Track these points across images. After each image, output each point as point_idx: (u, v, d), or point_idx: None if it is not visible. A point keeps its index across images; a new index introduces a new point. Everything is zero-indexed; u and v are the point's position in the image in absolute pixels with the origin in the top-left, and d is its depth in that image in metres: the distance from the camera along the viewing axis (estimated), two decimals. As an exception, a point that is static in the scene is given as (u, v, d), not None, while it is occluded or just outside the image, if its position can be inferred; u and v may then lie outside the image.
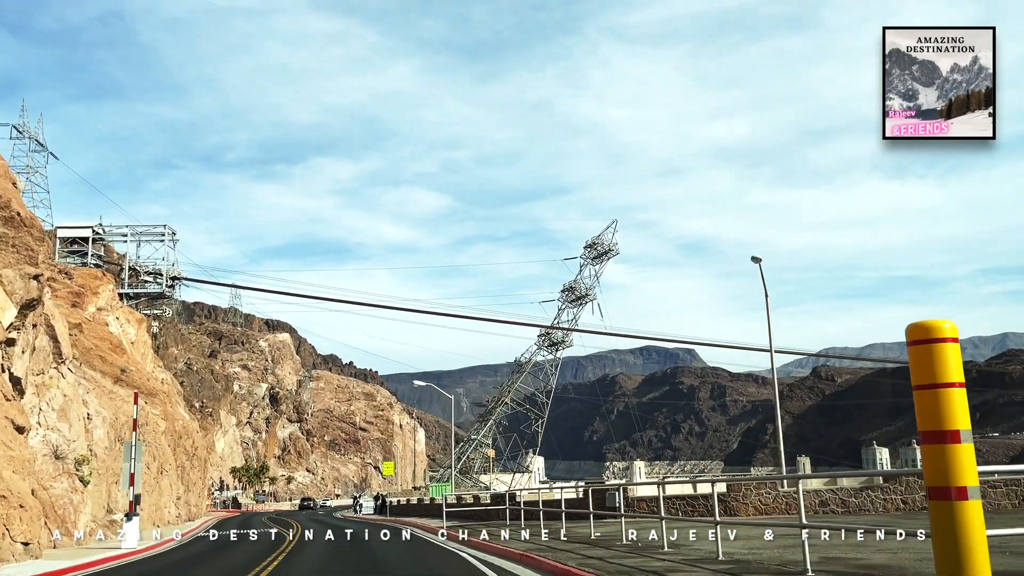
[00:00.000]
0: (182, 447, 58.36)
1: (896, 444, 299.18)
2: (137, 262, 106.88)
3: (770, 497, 26.53)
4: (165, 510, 52.96)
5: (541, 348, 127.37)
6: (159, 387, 58.22)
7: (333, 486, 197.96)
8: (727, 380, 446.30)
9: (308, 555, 23.92)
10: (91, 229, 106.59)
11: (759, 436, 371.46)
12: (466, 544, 24.75)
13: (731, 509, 26.49)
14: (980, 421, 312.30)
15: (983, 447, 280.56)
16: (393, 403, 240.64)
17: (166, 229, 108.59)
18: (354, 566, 20.74)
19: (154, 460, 50.23)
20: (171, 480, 54.37)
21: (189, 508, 61.51)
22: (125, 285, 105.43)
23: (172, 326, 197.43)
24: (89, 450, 37.85)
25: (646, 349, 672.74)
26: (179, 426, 58.22)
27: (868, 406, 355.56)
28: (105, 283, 67.12)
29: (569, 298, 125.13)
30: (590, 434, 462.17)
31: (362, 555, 23.86)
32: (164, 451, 53.20)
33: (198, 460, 64.63)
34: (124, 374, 53.44)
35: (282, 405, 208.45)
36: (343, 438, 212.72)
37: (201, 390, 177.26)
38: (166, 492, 53.21)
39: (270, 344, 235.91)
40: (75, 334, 53.91)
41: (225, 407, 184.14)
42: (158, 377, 77.15)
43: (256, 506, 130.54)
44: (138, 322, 73.83)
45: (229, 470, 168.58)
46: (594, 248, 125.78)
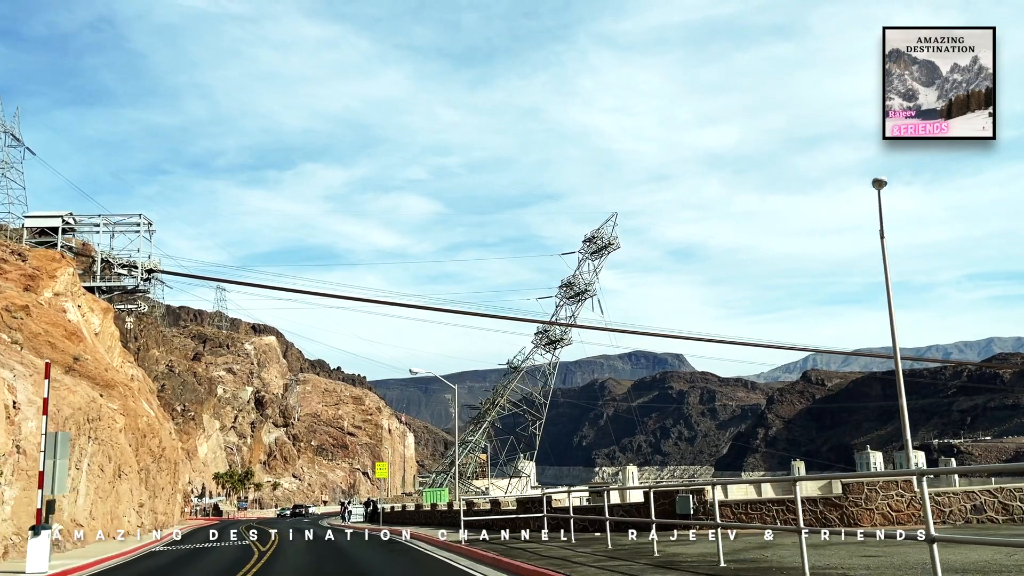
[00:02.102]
0: (147, 447, 50.76)
1: (888, 448, 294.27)
2: (110, 254, 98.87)
3: (903, 500, 19.44)
4: (124, 519, 45.36)
5: (538, 347, 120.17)
6: (120, 379, 50.64)
7: (320, 492, 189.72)
8: (716, 385, 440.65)
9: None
10: (61, 218, 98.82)
11: (750, 440, 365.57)
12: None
13: (850, 517, 19.47)
14: (972, 424, 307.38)
15: (975, 451, 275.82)
16: (382, 407, 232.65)
17: (141, 219, 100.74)
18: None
19: (109, 461, 42.69)
20: (131, 484, 46.79)
21: (155, 516, 53.85)
22: (97, 278, 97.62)
23: (154, 327, 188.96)
24: (15, 446, 30.39)
25: (635, 354, 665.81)
26: (143, 423, 50.65)
27: (858, 410, 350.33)
28: (64, 266, 59.47)
29: (568, 294, 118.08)
30: (579, 439, 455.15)
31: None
32: (123, 451, 45.64)
33: (166, 462, 57.01)
34: (77, 363, 45.90)
35: (268, 409, 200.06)
36: (331, 443, 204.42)
37: (183, 393, 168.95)
38: (125, 498, 45.64)
39: (256, 347, 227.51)
40: (20, 317, 46.36)
41: (208, 411, 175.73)
42: (128, 373, 69.48)
43: (238, 513, 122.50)
44: (103, 311, 66.17)
45: (212, 476, 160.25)
46: (593, 242, 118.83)
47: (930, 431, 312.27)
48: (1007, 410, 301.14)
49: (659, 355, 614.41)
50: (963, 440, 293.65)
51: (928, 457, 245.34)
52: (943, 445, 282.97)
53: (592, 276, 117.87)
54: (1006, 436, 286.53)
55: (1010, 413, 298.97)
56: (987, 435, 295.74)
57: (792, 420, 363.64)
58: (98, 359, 49.82)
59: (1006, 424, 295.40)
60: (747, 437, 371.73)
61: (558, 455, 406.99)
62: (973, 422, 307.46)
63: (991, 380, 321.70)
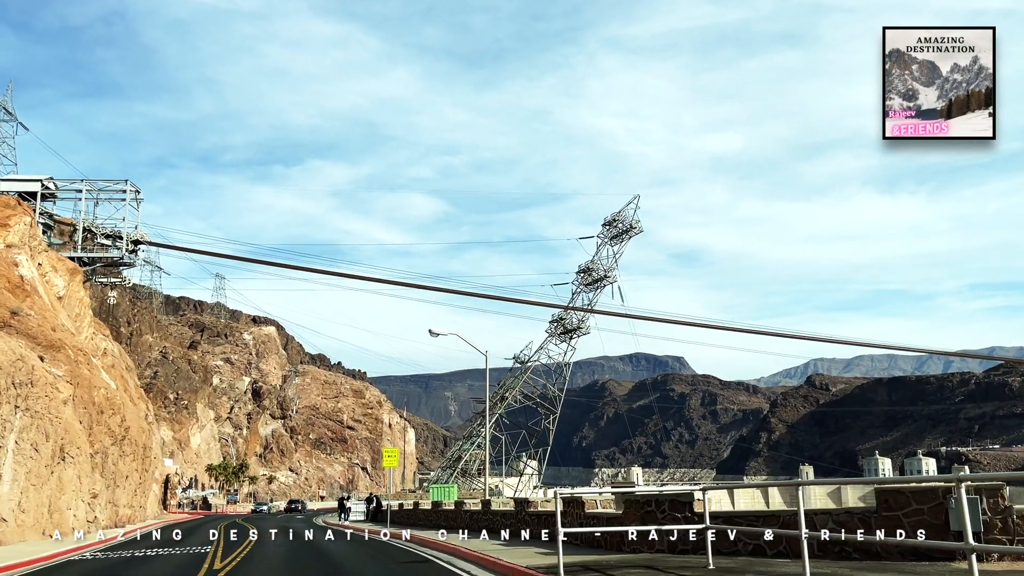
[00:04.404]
0: (104, 426, 41.05)
1: (896, 455, 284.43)
2: (93, 222, 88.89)
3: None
4: (68, 512, 35.67)
5: (553, 336, 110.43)
6: (72, 343, 40.90)
7: (318, 487, 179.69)
8: (718, 388, 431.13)
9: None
10: (40, 182, 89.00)
11: (752, 444, 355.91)
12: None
13: None
14: (980, 433, 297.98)
15: (983, 459, 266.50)
16: (383, 401, 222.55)
17: (128, 186, 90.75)
18: None
19: (47, 439, 32.99)
20: (80, 470, 37.05)
21: (116, 510, 44.10)
22: (79, 248, 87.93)
23: (148, 313, 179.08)
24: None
25: (635, 356, 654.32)
26: (100, 397, 40.94)
27: (863, 415, 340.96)
28: (19, 215, 49.82)
29: (585, 281, 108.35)
30: (579, 440, 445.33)
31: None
32: (69, 427, 35.93)
33: (133, 446, 47.26)
34: (15, 317, 36.21)
35: (265, 400, 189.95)
36: (329, 437, 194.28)
37: (176, 381, 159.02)
38: (71, 486, 35.92)
39: (255, 337, 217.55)
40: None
41: (203, 400, 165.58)
42: (99, 346, 59.82)
43: (228, 507, 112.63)
44: (70, 272, 56.50)
45: (205, 467, 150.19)
46: (613, 225, 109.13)
47: (937, 438, 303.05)
48: (1016, 419, 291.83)
49: (660, 357, 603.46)
50: (971, 448, 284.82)
51: (938, 465, 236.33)
52: (951, 453, 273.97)
53: (611, 262, 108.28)
54: (1015, 445, 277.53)
55: (1019, 422, 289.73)
56: (995, 443, 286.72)
57: (796, 424, 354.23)
58: (46, 317, 40.13)
59: (1014, 433, 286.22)
60: (749, 441, 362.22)
61: (557, 455, 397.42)
62: (981, 430, 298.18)
63: (999, 389, 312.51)
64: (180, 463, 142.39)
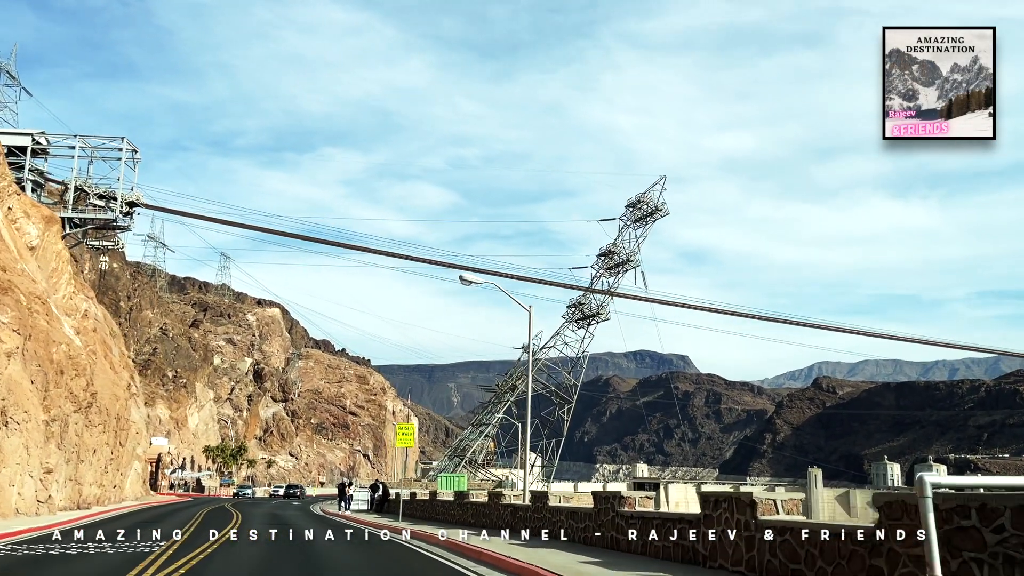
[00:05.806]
0: (65, 388, 34.12)
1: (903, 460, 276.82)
2: (85, 181, 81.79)
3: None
4: (11, 489, 28.76)
5: (570, 322, 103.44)
6: (27, 288, 33.83)
7: (318, 473, 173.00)
8: (722, 388, 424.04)
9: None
10: (31, 136, 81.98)
11: (756, 445, 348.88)
12: None
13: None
14: (989, 441, 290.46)
15: (993, 468, 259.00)
16: (387, 388, 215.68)
17: (124, 144, 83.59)
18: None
19: (-20, 398, 26.05)
20: (29, 439, 30.12)
21: (80, 489, 37.12)
22: (69, 208, 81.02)
23: (150, 288, 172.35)
24: None
25: (640, 353, 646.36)
26: (61, 354, 34.02)
27: (869, 419, 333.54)
28: (-15, 146, 42.86)
29: (606, 264, 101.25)
30: (581, 434, 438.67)
31: None
32: (15, 387, 29.01)
33: (103, 415, 40.36)
34: (-47, 251, 29.18)
35: (267, 383, 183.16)
36: (331, 422, 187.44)
37: (176, 359, 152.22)
38: (14, 459, 28.98)
39: (258, 318, 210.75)
40: None
41: (202, 380, 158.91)
42: (79, 307, 52.89)
43: (221, 490, 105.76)
44: (45, 221, 49.53)
45: (202, 448, 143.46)
46: (638, 207, 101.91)
47: (945, 445, 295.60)
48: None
49: (664, 355, 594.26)
50: (980, 456, 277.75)
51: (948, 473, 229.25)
52: (959, 460, 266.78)
53: (634, 246, 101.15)
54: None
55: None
56: (1005, 452, 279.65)
57: (801, 427, 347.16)
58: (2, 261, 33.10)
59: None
60: (753, 441, 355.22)
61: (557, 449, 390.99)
62: (990, 438, 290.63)
63: (1009, 397, 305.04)
64: (176, 443, 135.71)
